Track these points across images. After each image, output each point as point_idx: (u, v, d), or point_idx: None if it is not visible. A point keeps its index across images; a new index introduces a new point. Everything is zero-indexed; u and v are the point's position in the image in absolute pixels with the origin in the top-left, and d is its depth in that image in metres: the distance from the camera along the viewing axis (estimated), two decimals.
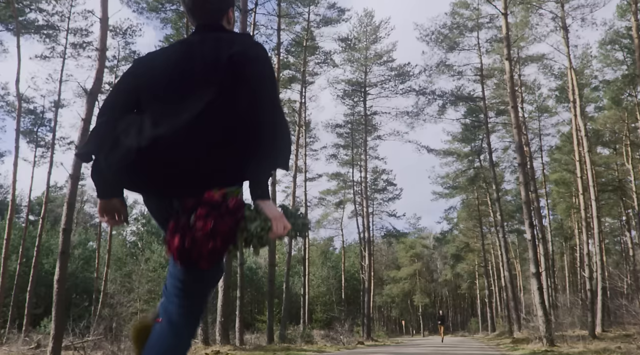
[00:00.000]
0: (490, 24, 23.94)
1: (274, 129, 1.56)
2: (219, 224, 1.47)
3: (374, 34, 28.16)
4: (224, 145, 1.55)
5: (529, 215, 13.70)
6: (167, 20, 20.26)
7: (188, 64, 1.63)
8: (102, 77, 10.16)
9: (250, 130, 1.54)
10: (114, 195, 1.69)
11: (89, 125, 10.00)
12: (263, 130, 1.54)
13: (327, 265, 46.51)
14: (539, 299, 12.86)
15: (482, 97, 24.97)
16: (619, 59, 23.42)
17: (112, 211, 1.71)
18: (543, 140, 30.48)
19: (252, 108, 1.55)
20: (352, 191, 32.54)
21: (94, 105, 10.09)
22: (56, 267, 9.17)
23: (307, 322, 27.51)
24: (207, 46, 1.64)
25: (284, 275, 21.84)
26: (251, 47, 1.64)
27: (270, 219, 1.53)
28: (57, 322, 8.86)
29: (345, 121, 30.47)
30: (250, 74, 1.57)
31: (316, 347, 15.02)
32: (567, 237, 37.59)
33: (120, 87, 1.73)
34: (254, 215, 1.53)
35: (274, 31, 20.17)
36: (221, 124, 1.55)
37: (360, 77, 28.71)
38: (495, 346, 17.14)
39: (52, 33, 20.29)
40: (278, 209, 1.57)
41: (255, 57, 1.61)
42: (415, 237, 56.25)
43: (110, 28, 21.86)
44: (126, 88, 1.71)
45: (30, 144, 23.18)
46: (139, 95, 1.66)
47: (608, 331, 17.56)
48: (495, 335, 30.18)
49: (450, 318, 58.84)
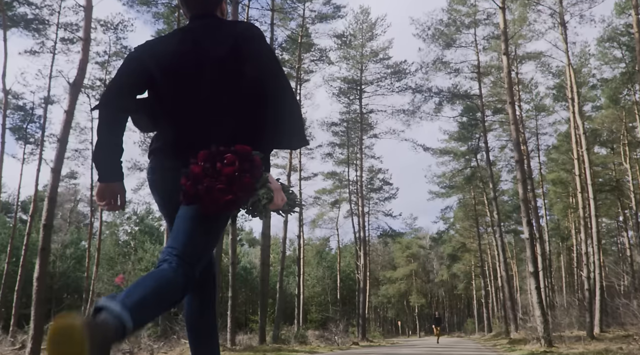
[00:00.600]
0: (488, 21, 23.72)
1: (279, 103, 1.63)
2: (246, 173, 1.50)
3: (370, 31, 27.87)
4: (235, 119, 1.62)
5: (526, 213, 13.40)
6: (159, 15, 19.93)
7: (194, 46, 1.71)
8: (86, 67, 9.82)
9: (256, 104, 1.62)
10: (115, 179, 1.71)
11: (71, 117, 9.66)
12: (268, 103, 1.61)
13: (322, 265, 46.20)
14: (536, 298, 12.56)
15: (479, 95, 24.69)
16: (617, 57, 23.20)
17: (111, 195, 1.72)
18: (540, 139, 30.28)
19: (255, 83, 1.63)
20: (348, 190, 32.22)
21: (77, 97, 9.74)
22: (36, 264, 8.81)
23: (302, 323, 27.20)
24: (208, 30, 1.74)
25: (278, 274, 21.51)
26: (247, 28, 1.74)
27: (273, 190, 1.57)
28: (36, 321, 8.50)
29: (341, 119, 30.16)
30: (249, 51, 1.66)
31: (308, 348, 14.69)
32: (564, 238, 37.41)
33: (127, 71, 1.76)
34: (262, 182, 1.56)
35: (268, 26, 19.84)
36: (232, 98, 1.65)
37: (356, 75, 28.40)
38: (492, 347, 16.86)
39: (41, 27, 19.89)
40: (277, 182, 1.63)
41: (251, 36, 1.70)
42: (412, 237, 56.00)
43: (102, 22, 21.54)
44: (133, 71, 1.74)
45: (19, 140, 22.77)
46: (148, 77, 1.71)
47: (606, 332, 17.31)
48: (491, 336, 29.93)
49: (447, 319, 58.64)
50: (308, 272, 42.31)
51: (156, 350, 10.57)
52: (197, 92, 1.67)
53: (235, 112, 1.63)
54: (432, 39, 23.44)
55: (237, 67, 1.65)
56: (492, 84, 26.53)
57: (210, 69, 1.67)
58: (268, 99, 1.62)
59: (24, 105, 22.39)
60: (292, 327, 24.59)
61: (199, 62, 1.68)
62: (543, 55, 22.80)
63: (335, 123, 30.22)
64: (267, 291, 21.71)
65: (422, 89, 25.30)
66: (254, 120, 1.61)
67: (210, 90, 1.67)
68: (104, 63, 21.60)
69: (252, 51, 1.67)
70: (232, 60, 1.66)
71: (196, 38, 1.72)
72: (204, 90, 1.67)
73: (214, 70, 1.67)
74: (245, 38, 1.69)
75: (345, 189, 32.80)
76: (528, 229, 13.32)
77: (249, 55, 1.66)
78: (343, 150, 31.63)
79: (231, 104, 1.65)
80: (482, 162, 29.16)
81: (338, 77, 28.55)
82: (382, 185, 35.09)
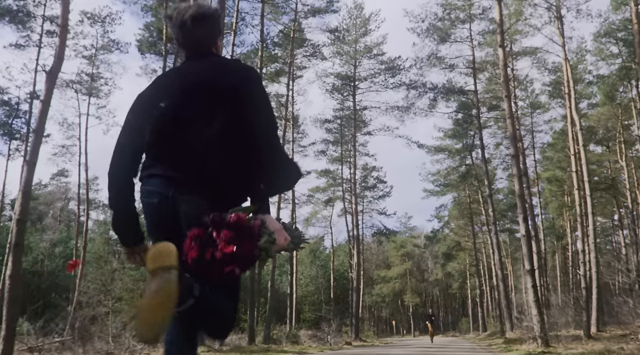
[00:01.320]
0: (483, 16, 23.37)
1: (271, 153, 1.70)
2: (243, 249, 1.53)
3: (363, 26, 27.50)
4: (228, 165, 1.67)
5: (523, 209, 13.05)
6: (147, 7, 19.48)
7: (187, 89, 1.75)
8: (63, 55, 9.36)
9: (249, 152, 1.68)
10: (137, 243, 1.79)
11: (47, 106, 9.21)
12: (262, 151, 1.68)
13: (316, 264, 45.79)
14: (533, 297, 12.21)
15: (474, 91, 24.35)
16: (614, 53, 22.93)
17: (137, 254, 1.80)
18: (535, 137, 30.01)
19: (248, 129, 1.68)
20: (342, 188, 31.86)
21: (54, 86, 9.30)
22: (9, 261, 8.36)
23: (295, 322, 26.81)
24: (202, 72, 1.77)
25: (270, 273, 21.11)
26: (245, 69, 1.80)
27: (274, 232, 1.60)
28: (7, 322, 8.03)
29: (335, 116, 29.79)
30: (241, 95, 1.70)
31: (299, 349, 14.31)
32: (559, 236, 37.23)
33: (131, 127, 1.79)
34: (263, 230, 1.58)
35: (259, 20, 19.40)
36: (224, 144, 1.67)
37: (350, 71, 28.03)
38: (487, 347, 16.55)
39: (26, 20, 19.36)
40: (277, 222, 1.66)
41: (246, 77, 1.75)
42: (406, 236, 55.73)
43: (88, 15, 21.04)
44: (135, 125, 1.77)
45: (4, 136, 22.21)
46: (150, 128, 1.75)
47: (603, 331, 17.03)
48: (486, 336, 29.66)
49: (441, 318, 58.43)
50: (301, 271, 41.91)
51: (138, 351, 10.15)
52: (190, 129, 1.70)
53: (230, 160, 1.68)
54: (427, 33, 23.08)
55: (229, 110, 1.69)
56: (487, 81, 26.23)
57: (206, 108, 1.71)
58: (262, 142, 1.68)
59: (9, 100, 21.85)
60: (284, 326, 24.23)
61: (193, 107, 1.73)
62: (539, 51, 22.48)
63: (328, 120, 29.89)
64: (259, 290, 21.34)
65: (417, 85, 24.94)
66: (248, 170, 1.68)
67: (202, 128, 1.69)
68: (91, 57, 21.08)
69: (245, 96, 1.70)
70: (227, 100, 1.70)
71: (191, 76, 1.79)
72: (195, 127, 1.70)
73: (209, 109, 1.71)
74: (242, 78, 1.74)
75: (339, 187, 32.46)
76: (524, 226, 12.97)
77: (245, 96, 1.70)
78: (337, 148, 31.28)
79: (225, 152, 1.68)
80: (477, 160, 28.87)
81: (331, 73, 28.22)
82: (376, 183, 34.81)
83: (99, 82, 22.95)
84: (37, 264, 30.37)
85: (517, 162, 13.73)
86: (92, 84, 22.12)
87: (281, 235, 1.62)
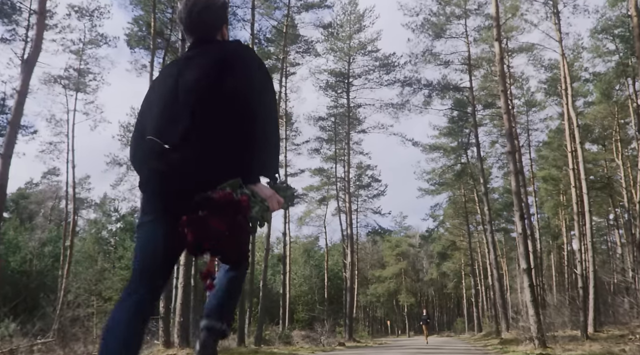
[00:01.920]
0: (479, 11, 23.06)
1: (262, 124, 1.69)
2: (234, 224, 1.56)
3: (357, 22, 27.13)
4: (220, 140, 1.67)
5: (519, 206, 12.72)
6: (136, 0, 19.05)
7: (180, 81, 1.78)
8: (41, 44, 8.99)
9: (241, 125, 1.67)
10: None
11: (24, 97, 8.80)
12: (252, 124, 1.67)
13: (309, 264, 45.39)
14: (530, 296, 11.88)
15: (469, 87, 24.04)
16: (611, 50, 22.66)
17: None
18: (531, 135, 29.77)
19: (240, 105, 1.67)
20: (336, 187, 31.50)
21: (31, 75, 8.88)
22: None
23: (288, 323, 26.44)
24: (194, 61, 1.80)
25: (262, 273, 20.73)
26: (236, 49, 1.82)
27: (266, 198, 1.65)
28: None
29: (328, 114, 29.41)
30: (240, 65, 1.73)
31: (290, 350, 13.95)
32: (554, 236, 37.02)
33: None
34: (253, 200, 1.61)
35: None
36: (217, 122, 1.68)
37: (344, 68, 27.64)
38: (482, 347, 16.24)
39: (11, 12, 18.88)
40: (268, 187, 1.69)
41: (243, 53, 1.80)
42: (401, 236, 55.43)
43: (76, 9, 20.58)
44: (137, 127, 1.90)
45: None
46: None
47: (600, 331, 16.74)
48: (482, 336, 29.37)
49: (436, 318, 58.18)
50: (295, 271, 41.51)
51: None
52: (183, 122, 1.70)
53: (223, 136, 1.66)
54: (422, 28, 22.75)
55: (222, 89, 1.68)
56: (483, 78, 25.93)
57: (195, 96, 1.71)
58: (256, 114, 1.67)
59: None
60: (277, 327, 23.84)
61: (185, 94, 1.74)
62: (536, 47, 22.21)
63: (322, 117, 29.51)
64: (251, 290, 20.96)
65: (411, 81, 24.59)
66: (239, 143, 1.65)
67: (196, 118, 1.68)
68: (79, 51, 20.62)
69: (243, 65, 1.72)
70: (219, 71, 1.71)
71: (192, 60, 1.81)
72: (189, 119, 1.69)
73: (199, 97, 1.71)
74: (239, 54, 1.77)
75: (333, 185, 32.11)
76: (521, 224, 12.62)
77: (239, 68, 1.71)
78: (331, 146, 30.92)
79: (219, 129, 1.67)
80: (473, 158, 28.57)
81: (325, 70, 27.83)
82: (371, 182, 34.49)
83: (87, 78, 22.50)
84: (25, 264, 29.85)
85: (514, 159, 13.41)
86: (80, 79, 21.66)
87: (274, 201, 1.67)
